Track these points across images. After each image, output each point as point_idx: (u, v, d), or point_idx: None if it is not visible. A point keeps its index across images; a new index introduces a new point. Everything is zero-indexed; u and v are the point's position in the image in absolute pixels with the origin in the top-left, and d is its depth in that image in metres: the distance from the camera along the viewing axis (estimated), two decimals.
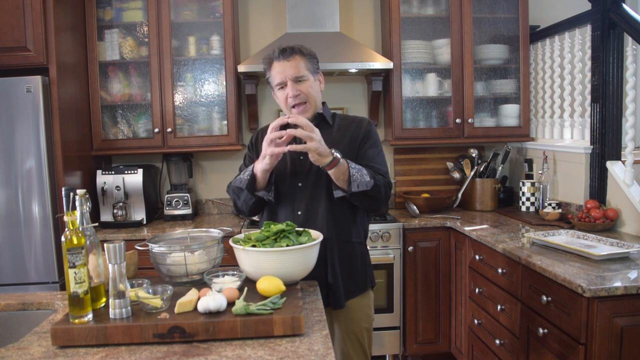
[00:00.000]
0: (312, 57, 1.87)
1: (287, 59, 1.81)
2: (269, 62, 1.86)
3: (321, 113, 1.90)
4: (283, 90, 1.84)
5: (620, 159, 2.62)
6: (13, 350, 1.28)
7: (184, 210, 3.30)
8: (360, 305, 1.89)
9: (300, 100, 1.82)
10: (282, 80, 1.82)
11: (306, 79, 1.83)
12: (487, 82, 3.39)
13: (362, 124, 1.91)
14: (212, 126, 3.31)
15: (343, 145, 1.84)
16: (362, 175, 1.71)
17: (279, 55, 1.82)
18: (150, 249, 1.61)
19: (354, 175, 1.70)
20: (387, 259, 2.97)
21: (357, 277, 1.89)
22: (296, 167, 1.86)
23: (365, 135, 1.88)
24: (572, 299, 1.82)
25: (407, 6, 3.33)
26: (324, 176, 1.79)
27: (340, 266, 1.83)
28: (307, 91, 1.83)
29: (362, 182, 1.70)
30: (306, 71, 1.83)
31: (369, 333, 1.93)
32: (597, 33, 2.64)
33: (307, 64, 1.84)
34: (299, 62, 1.82)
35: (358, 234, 1.90)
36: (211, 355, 1.21)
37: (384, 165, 1.87)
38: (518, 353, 2.25)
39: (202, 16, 3.27)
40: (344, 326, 1.87)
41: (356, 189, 1.70)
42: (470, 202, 3.39)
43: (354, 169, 1.71)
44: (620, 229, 2.55)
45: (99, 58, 3.18)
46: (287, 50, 1.82)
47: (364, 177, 1.71)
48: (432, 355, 3.18)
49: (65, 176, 2.79)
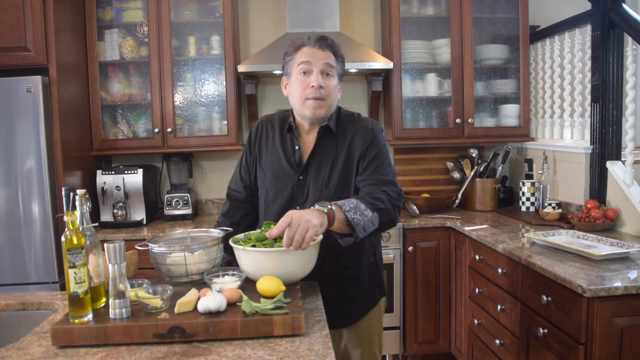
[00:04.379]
0: (342, 63, 1.74)
1: (321, 49, 1.66)
2: (297, 46, 1.69)
3: (327, 125, 1.73)
4: (305, 77, 1.66)
5: (620, 159, 2.62)
6: (13, 350, 1.28)
7: (184, 210, 3.30)
8: (370, 317, 1.83)
9: (321, 95, 1.65)
10: (311, 62, 1.65)
11: (333, 77, 1.69)
12: (487, 82, 3.39)
13: (365, 134, 1.72)
14: (212, 126, 3.31)
15: (341, 159, 1.71)
16: (362, 214, 1.50)
17: (315, 42, 1.66)
18: (150, 249, 1.61)
19: (354, 219, 1.48)
20: (387, 259, 2.97)
21: (364, 298, 1.80)
22: (295, 190, 1.73)
23: (367, 146, 1.70)
24: (572, 299, 1.82)
25: (407, 6, 3.33)
26: (326, 198, 1.66)
27: (344, 292, 1.73)
28: (330, 89, 1.67)
29: (366, 223, 1.50)
30: (335, 70, 1.70)
31: (379, 338, 1.88)
32: (597, 33, 2.64)
33: (337, 64, 1.71)
34: (332, 59, 1.68)
35: (367, 256, 1.78)
36: (211, 355, 1.21)
37: (390, 173, 1.70)
38: (518, 353, 2.25)
39: (202, 16, 3.27)
40: (353, 334, 1.81)
41: (364, 234, 1.51)
42: (470, 202, 3.39)
43: (351, 210, 1.49)
44: (620, 229, 2.55)
45: (99, 58, 3.18)
46: (328, 40, 1.67)
47: (365, 215, 1.50)
48: (432, 355, 3.18)
49: (65, 176, 2.79)
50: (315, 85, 1.64)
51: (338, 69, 1.71)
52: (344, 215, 1.47)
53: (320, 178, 1.71)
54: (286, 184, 1.75)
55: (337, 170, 1.71)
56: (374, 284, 1.83)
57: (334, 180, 1.71)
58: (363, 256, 1.76)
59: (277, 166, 1.77)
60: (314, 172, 1.73)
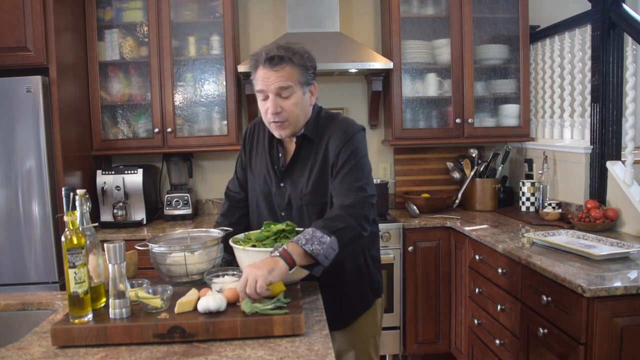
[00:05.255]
0: (305, 68, 1.64)
1: (274, 69, 1.60)
2: (254, 65, 1.65)
3: (304, 134, 1.70)
4: (264, 102, 1.64)
5: (620, 159, 2.62)
6: (13, 350, 1.28)
7: (184, 210, 3.30)
8: (363, 320, 1.81)
9: (281, 118, 1.63)
10: (264, 89, 1.62)
11: (292, 94, 1.62)
12: (487, 82, 3.39)
13: (338, 137, 1.67)
14: (212, 126, 3.31)
15: (318, 165, 1.69)
16: (320, 242, 1.44)
17: (265, 62, 1.60)
18: (150, 249, 1.61)
19: (313, 250, 1.43)
20: (387, 259, 2.97)
21: (354, 301, 1.77)
22: (277, 197, 1.75)
23: (340, 150, 1.65)
24: (572, 299, 1.82)
25: (407, 6, 3.33)
26: (303, 207, 1.70)
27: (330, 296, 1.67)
28: (290, 109, 1.62)
29: (326, 250, 1.45)
30: (295, 84, 1.62)
31: (375, 339, 1.86)
32: (597, 33, 2.64)
33: (299, 75, 1.62)
34: (288, 73, 1.60)
35: (352, 259, 1.73)
36: (211, 355, 1.21)
37: (361, 177, 1.63)
38: (518, 353, 2.25)
39: (202, 16, 3.27)
40: (346, 336, 1.79)
41: (327, 262, 1.46)
42: (470, 202, 3.39)
43: (307, 243, 1.43)
44: (620, 229, 2.55)
45: (99, 58, 3.18)
46: (276, 59, 1.59)
47: (323, 242, 1.44)
48: (432, 355, 3.18)
49: (65, 176, 2.79)
50: (272, 111, 1.62)
51: (300, 78, 1.63)
52: (301, 249, 1.43)
53: (299, 185, 1.72)
54: (271, 189, 1.78)
55: (313, 177, 1.70)
56: (364, 286, 1.79)
57: (311, 187, 1.70)
58: (346, 260, 1.71)
59: (265, 171, 1.80)
60: (293, 179, 1.74)
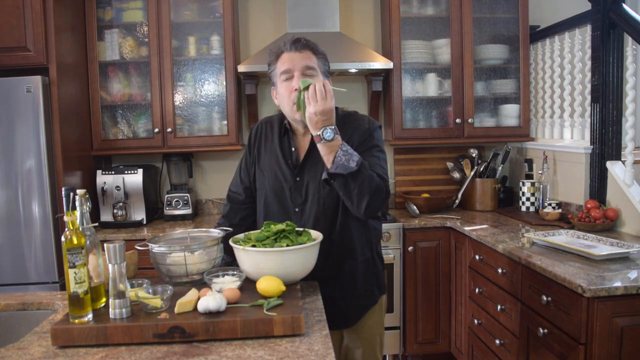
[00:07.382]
0: (324, 58, 1.73)
1: (298, 51, 1.67)
2: (276, 54, 1.71)
3: None
4: (289, 82, 1.67)
5: (620, 159, 2.62)
6: (13, 350, 1.28)
7: (184, 210, 3.30)
8: (370, 316, 1.82)
9: None
10: (290, 68, 1.66)
11: (315, 76, 1.66)
12: (487, 82, 3.39)
13: (361, 129, 1.73)
14: (212, 126, 3.31)
15: None
16: (348, 160, 1.53)
17: (291, 46, 1.67)
18: (150, 249, 1.61)
19: (339, 157, 1.53)
20: (387, 259, 2.97)
21: (362, 295, 1.79)
22: (292, 191, 1.75)
23: (362, 141, 1.71)
24: (572, 299, 1.82)
25: (407, 6, 3.33)
26: (321, 199, 1.70)
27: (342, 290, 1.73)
28: None
29: (342, 166, 1.53)
30: (318, 69, 1.69)
31: (381, 338, 1.87)
32: (597, 33, 2.64)
33: (320, 63, 1.71)
34: (312, 58, 1.68)
35: (362, 252, 1.77)
36: (211, 355, 1.21)
37: (380, 168, 1.70)
38: (518, 353, 2.25)
39: (202, 16, 3.27)
40: (354, 335, 1.80)
41: (334, 170, 1.53)
42: (470, 202, 3.39)
43: (345, 154, 1.53)
44: (620, 229, 2.55)
45: (99, 58, 3.18)
46: (301, 41, 1.67)
47: (350, 163, 1.53)
48: (432, 355, 3.18)
49: (65, 176, 2.79)
50: (298, 85, 1.63)
51: (320, 66, 1.71)
52: (338, 149, 1.54)
53: (318, 177, 1.71)
54: (284, 185, 1.77)
55: None
56: (372, 281, 1.81)
57: None
58: (357, 252, 1.75)
59: (276, 167, 1.78)
60: (311, 172, 1.73)
